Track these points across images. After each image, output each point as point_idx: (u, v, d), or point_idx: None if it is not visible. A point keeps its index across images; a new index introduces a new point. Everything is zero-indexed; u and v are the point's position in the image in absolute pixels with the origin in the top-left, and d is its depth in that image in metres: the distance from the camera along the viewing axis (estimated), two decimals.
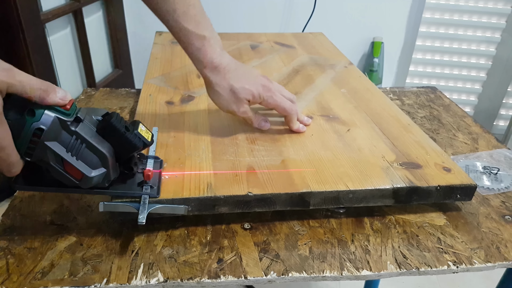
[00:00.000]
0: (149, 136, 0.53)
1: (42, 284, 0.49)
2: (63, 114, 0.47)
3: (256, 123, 0.72)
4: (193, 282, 0.51)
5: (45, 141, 0.47)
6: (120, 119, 0.51)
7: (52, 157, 0.48)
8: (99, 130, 0.50)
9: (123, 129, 0.50)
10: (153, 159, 0.61)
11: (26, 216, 0.59)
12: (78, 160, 0.49)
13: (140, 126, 0.53)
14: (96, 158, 0.50)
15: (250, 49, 1.14)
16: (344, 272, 0.53)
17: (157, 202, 0.55)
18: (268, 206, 0.58)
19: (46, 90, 0.46)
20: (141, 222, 0.51)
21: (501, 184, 0.70)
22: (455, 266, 0.54)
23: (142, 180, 0.56)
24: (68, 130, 0.48)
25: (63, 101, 0.47)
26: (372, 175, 0.62)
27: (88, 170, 0.49)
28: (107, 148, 0.50)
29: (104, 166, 0.50)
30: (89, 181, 0.50)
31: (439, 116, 0.94)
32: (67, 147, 0.48)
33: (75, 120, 0.48)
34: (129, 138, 0.50)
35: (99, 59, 1.96)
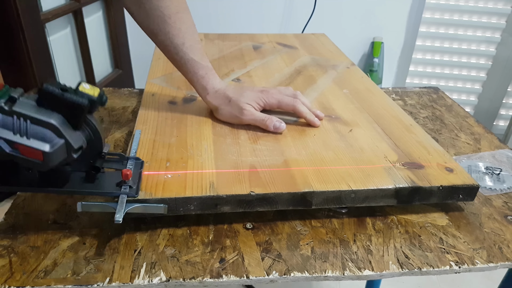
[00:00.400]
0: (95, 92, 0.49)
1: (45, 283, 0.49)
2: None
3: (270, 125, 0.72)
4: (195, 281, 0.51)
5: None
6: (55, 83, 0.48)
7: (5, 145, 0.46)
8: (38, 102, 0.47)
9: (59, 91, 0.47)
10: (134, 159, 0.61)
11: (29, 215, 0.59)
12: (29, 139, 0.46)
13: (82, 84, 0.49)
14: (47, 131, 0.47)
15: (252, 50, 1.15)
16: (346, 272, 0.53)
17: (137, 201, 0.55)
18: (270, 205, 0.58)
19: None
20: (117, 220, 0.51)
21: (504, 184, 0.70)
22: (457, 266, 0.54)
23: (121, 180, 0.55)
24: (5, 112, 0.45)
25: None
26: (374, 175, 0.62)
27: (44, 145, 0.47)
28: (54, 117, 0.47)
29: (58, 136, 0.47)
30: (52, 157, 0.47)
31: (441, 116, 0.94)
32: (13, 129, 0.46)
33: (9, 100, 0.46)
34: (68, 98, 0.47)
35: (99, 59, 1.96)
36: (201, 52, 0.75)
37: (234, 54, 1.11)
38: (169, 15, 0.71)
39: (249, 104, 0.74)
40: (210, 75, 0.76)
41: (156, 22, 0.71)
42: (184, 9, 0.74)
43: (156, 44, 0.75)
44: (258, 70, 1.01)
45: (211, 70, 0.76)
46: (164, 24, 0.71)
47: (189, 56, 0.74)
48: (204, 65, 0.75)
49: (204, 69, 0.75)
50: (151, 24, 0.72)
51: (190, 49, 0.74)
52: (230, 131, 0.73)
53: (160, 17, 0.71)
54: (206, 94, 0.76)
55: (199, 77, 0.75)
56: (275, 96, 0.76)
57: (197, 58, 0.74)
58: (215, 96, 0.76)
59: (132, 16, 0.73)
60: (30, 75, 1.46)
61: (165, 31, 0.72)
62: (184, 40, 0.73)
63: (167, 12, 0.71)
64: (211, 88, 0.76)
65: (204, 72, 0.75)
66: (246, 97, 0.75)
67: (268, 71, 1.00)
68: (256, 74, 0.98)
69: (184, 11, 0.73)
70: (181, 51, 0.73)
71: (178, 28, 0.72)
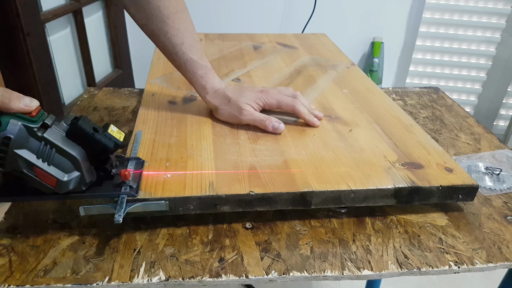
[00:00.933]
0: (121, 136, 0.53)
1: (44, 282, 0.49)
2: (29, 121, 0.47)
3: (269, 126, 0.72)
4: (194, 281, 0.51)
5: (14, 149, 0.47)
6: (88, 121, 0.51)
7: (24, 165, 0.48)
8: (68, 134, 0.50)
9: (91, 130, 0.50)
10: (135, 160, 0.61)
11: (28, 214, 0.59)
12: (50, 166, 0.49)
13: (110, 127, 0.53)
14: (68, 162, 0.50)
15: (252, 50, 1.15)
16: (345, 272, 0.53)
17: (137, 201, 0.55)
18: (270, 205, 0.58)
19: (9, 98, 0.46)
20: (117, 220, 0.51)
21: (503, 184, 0.70)
22: (457, 266, 0.55)
23: (121, 181, 0.55)
24: (35, 136, 0.48)
25: (28, 108, 0.47)
26: (374, 175, 0.62)
27: (61, 175, 0.50)
28: (78, 151, 0.50)
29: (77, 169, 0.51)
30: (64, 186, 0.50)
31: (441, 116, 0.94)
32: (37, 154, 0.48)
33: (42, 126, 0.48)
34: (98, 139, 0.50)
35: (99, 59, 1.96)
36: (200, 52, 0.75)
37: (234, 54, 1.11)
38: (168, 15, 0.71)
39: (248, 104, 0.74)
40: (209, 74, 0.76)
41: (155, 22, 0.71)
42: (183, 9, 0.74)
43: (156, 44, 0.75)
44: (258, 70, 1.01)
45: (211, 69, 0.76)
46: (163, 24, 0.71)
47: (188, 56, 0.74)
48: (203, 65, 0.75)
49: (203, 69, 0.75)
50: (150, 24, 0.72)
51: (189, 48, 0.74)
52: (230, 131, 0.73)
53: (159, 17, 0.71)
54: (206, 94, 0.76)
55: (198, 77, 0.75)
56: (274, 96, 0.76)
57: (196, 57, 0.74)
58: (215, 96, 0.76)
59: (131, 17, 0.73)
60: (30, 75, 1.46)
61: (164, 31, 0.72)
62: (183, 39, 0.73)
63: (166, 12, 0.71)
64: (210, 87, 0.76)
65: (203, 72, 0.75)
66: (245, 97, 0.75)
67: (268, 71, 1.00)
68: (256, 74, 0.98)
69: (183, 11, 0.74)
70: (180, 51, 0.73)
71: (177, 28, 0.72)
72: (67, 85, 1.74)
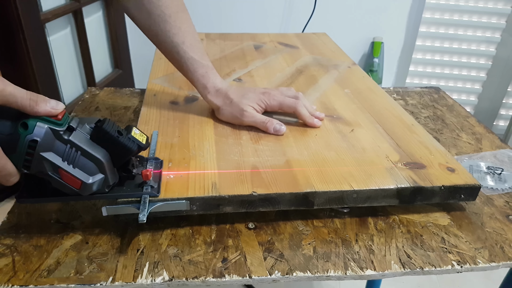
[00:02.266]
0: (143, 139, 0.54)
1: (48, 282, 0.49)
2: (55, 124, 0.48)
3: (270, 128, 0.72)
4: (198, 281, 0.51)
5: (41, 152, 0.47)
6: (112, 125, 0.51)
7: (49, 167, 0.49)
8: (93, 137, 0.51)
9: (116, 133, 0.51)
10: (154, 160, 0.61)
11: (31, 214, 0.59)
12: (75, 168, 0.50)
13: (133, 130, 0.53)
14: (93, 165, 0.50)
15: (253, 50, 1.15)
16: (348, 271, 0.53)
17: (159, 201, 0.55)
18: (273, 205, 0.58)
19: (36, 100, 0.46)
20: (141, 220, 0.51)
21: (505, 184, 0.70)
22: (459, 266, 0.55)
23: (142, 181, 0.56)
24: (61, 139, 0.48)
25: (54, 111, 0.48)
26: (376, 175, 0.62)
27: (86, 177, 0.50)
28: (102, 153, 0.51)
29: (101, 171, 0.51)
30: (88, 188, 0.51)
31: (442, 116, 0.94)
32: (63, 156, 0.49)
33: (67, 129, 0.49)
34: (122, 142, 0.51)
35: (99, 59, 1.96)
36: (201, 51, 0.76)
37: (236, 54, 1.11)
38: (170, 14, 0.72)
39: (250, 106, 0.74)
40: (210, 74, 0.76)
41: (157, 22, 0.72)
42: (183, 9, 0.75)
43: (156, 45, 0.76)
44: (260, 70, 1.01)
45: (212, 69, 0.76)
46: (164, 23, 0.72)
47: (189, 55, 0.74)
48: (204, 64, 0.75)
49: (204, 68, 0.75)
50: (152, 25, 0.72)
51: (190, 48, 0.74)
52: (232, 131, 0.73)
53: (160, 16, 0.71)
54: (207, 93, 0.76)
55: (199, 76, 0.75)
56: (276, 98, 0.76)
57: (197, 57, 0.75)
58: (216, 95, 0.76)
59: (132, 19, 0.73)
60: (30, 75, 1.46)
61: (165, 30, 0.72)
62: (184, 39, 0.73)
63: (167, 11, 0.71)
64: (211, 87, 0.76)
65: (204, 71, 0.75)
66: (247, 98, 0.75)
67: (269, 71, 1.00)
68: (258, 74, 0.98)
69: (183, 11, 0.74)
70: (181, 50, 0.74)
71: (178, 27, 0.73)
72: (67, 85, 1.74)
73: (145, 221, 0.51)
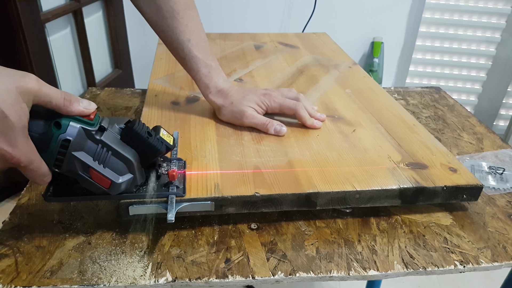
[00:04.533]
0: (170, 140, 0.55)
1: (51, 283, 0.49)
2: (88, 124, 0.48)
3: (271, 129, 0.72)
4: (201, 281, 0.51)
5: (72, 152, 0.48)
6: (142, 126, 0.52)
7: (80, 167, 0.49)
8: (123, 137, 0.51)
9: (146, 134, 0.51)
10: (177, 160, 0.62)
11: (33, 215, 0.59)
12: (105, 168, 0.50)
13: (161, 131, 0.54)
14: (122, 165, 0.51)
15: (254, 49, 1.15)
16: (351, 272, 0.53)
17: (185, 201, 0.56)
18: (275, 206, 0.58)
19: (70, 100, 0.47)
20: (170, 220, 0.52)
21: (507, 184, 0.70)
22: (462, 265, 0.55)
23: (168, 181, 0.57)
24: (93, 139, 0.49)
25: (87, 110, 0.48)
26: (378, 175, 0.62)
27: (116, 177, 0.51)
28: (132, 154, 0.51)
29: (130, 171, 0.52)
30: (117, 188, 0.51)
31: (443, 116, 0.94)
32: (94, 156, 0.49)
33: (99, 129, 0.49)
34: (152, 143, 0.52)
35: (99, 59, 1.96)
36: (206, 51, 0.76)
37: (236, 54, 1.11)
38: (178, 10, 0.72)
39: (251, 107, 0.74)
40: (213, 73, 0.76)
41: (165, 17, 0.72)
42: (192, 6, 0.75)
43: (163, 40, 0.76)
44: (260, 70, 1.01)
45: (216, 69, 0.76)
46: (172, 19, 0.72)
47: (194, 53, 0.74)
48: (208, 64, 0.75)
49: (207, 68, 0.75)
50: (160, 20, 0.73)
51: (196, 46, 0.74)
52: (234, 132, 0.73)
53: (169, 12, 0.72)
54: (209, 93, 0.76)
55: (202, 75, 0.75)
56: (277, 100, 0.76)
57: (201, 56, 0.75)
58: (217, 96, 0.76)
59: (141, 12, 0.74)
60: None
61: (172, 27, 0.73)
62: (190, 36, 0.74)
63: (176, 7, 0.72)
64: (213, 87, 0.76)
65: (207, 71, 0.75)
66: (248, 99, 0.75)
67: (270, 71, 1.00)
68: (259, 74, 0.98)
69: (192, 8, 0.75)
70: (186, 48, 0.74)
71: (185, 25, 0.73)
72: (67, 85, 1.74)
73: (173, 221, 0.52)
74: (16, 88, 0.43)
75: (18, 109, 0.43)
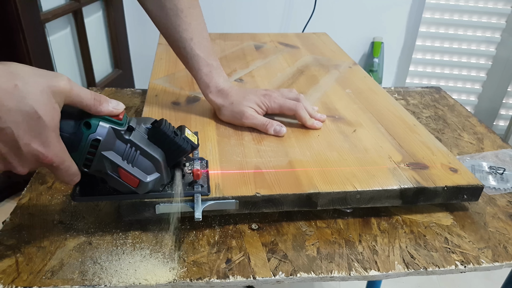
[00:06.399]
0: (195, 139, 0.55)
1: (52, 283, 0.49)
2: (117, 124, 0.49)
3: (271, 129, 0.72)
4: (202, 282, 0.51)
5: (102, 151, 0.48)
6: (168, 125, 0.53)
7: (109, 166, 0.50)
8: (150, 137, 0.52)
9: (172, 134, 0.52)
10: (199, 160, 0.62)
11: (34, 215, 0.59)
12: (133, 167, 0.51)
13: (186, 130, 0.55)
14: (150, 164, 0.52)
15: (254, 49, 1.15)
16: (352, 272, 0.53)
17: (210, 200, 0.56)
18: (276, 206, 0.58)
19: (99, 100, 0.47)
20: (197, 218, 0.53)
21: (507, 184, 0.70)
22: (463, 265, 0.55)
23: (192, 180, 0.57)
24: (122, 139, 0.49)
25: (116, 110, 0.49)
26: (379, 175, 0.62)
27: (144, 176, 0.52)
28: (159, 153, 0.52)
29: (157, 170, 0.52)
30: (145, 187, 0.52)
31: (444, 116, 0.94)
32: (123, 155, 0.50)
33: (128, 129, 0.50)
34: (178, 142, 0.52)
35: (99, 59, 1.96)
36: (208, 50, 0.76)
37: (236, 54, 1.11)
38: (182, 9, 0.72)
39: (251, 108, 0.74)
40: (214, 73, 0.76)
41: (169, 15, 0.73)
42: (196, 6, 0.75)
43: (165, 38, 0.76)
44: (261, 70, 1.01)
45: (217, 68, 0.76)
46: (176, 17, 0.73)
47: (195, 52, 0.74)
48: (209, 63, 0.75)
49: (208, 67, 0.75)
50: (163, 17, 0.73)
51: (198, 45, 0.74)
52: (234, 132, 0.73)
53: (173, 10, 0.72)
54: (209, 93, 0.76)
55: (203, 74, 0.75)
56: (277, 101, 0.76)
57: (203, 55, 0.75)
58: (218, 95, 0.76)
59: (145, 9, 0.74)
60: None
61: (175, 25, 0.73)
62: (192, 35, 0.74)
63: (180, 5, 0.72)
64: (213, 86, 0.76)
65: (208, 70, 0.75)
66: (248, 100, 0.75)
67: (270, 71, 1.00)
68: (259, 74, 0.98)
69: (196, 7, 0.75)
70: (188, 46, 0.74)
71: (188, 23, 0.73)
72: None
73: (201, 219, 0.53)
74: (48, 88, 0.43)
75: (51, 110, 0.43)
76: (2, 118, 0.41)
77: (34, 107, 0.42)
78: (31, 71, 0.43)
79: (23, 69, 0.43)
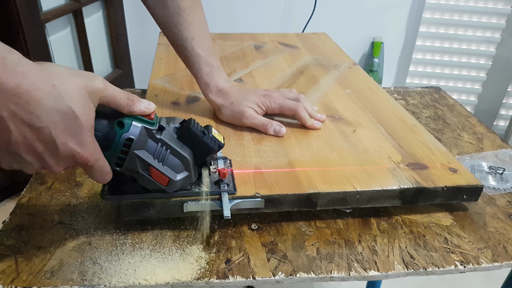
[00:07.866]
0: (221, 138, 0.56)
1: (51, 283, 0.49)
2: (149, 124, 0.49)
3: (270, 130, 0.72)
4: (201, 282, 0.51)
5: (135, 150, 0.49)
6: (197, 125, 0.54)
7: (141, 165, 0.50)
8: (179, 136, 0.53)
9: (201, 133, 0.53)
10: (223, 159, 0.63)
11: (34, 215, 0.59)
12: (164, 166, 0.52)
13: (213, 130, 0.55)
14: (179, 163, 0.53)
15: (254, 50, 1.15)
16: (351, 272, 0.53)
17: (237, 198, 0.57)
18: (276, 207, 0.58)
19: (132, 100, 0.48)
20: (226, 216, 0.54)
21: (507, 184, 0.70)
22: (462, 266, 0.55)
23: (218, 179, 0.58)
24: (153, 138, 0.50)
25: (148, 110, 0.49)
26: (378, 175, 0.62)
27: (174, 175, 0.52)
28: (188, 152, 0.53)
29: (186, 169, 0.53)
30: (174, 185, 0.53)
31: (443, 116, 0.94)
32: (154, 154, 0.51)
33: (159, 128, 0.51)
34: (206, 142, 0.53)
35: (99, 59, 1.96)
36: (209, 49, 0.76)
37: (236, 54, 1.11)
38: (184, 8, 0.73)
39: (251, 108, 0.74)
40: (214, 73, 0.76)
41: (171, 14, 0.73)
42: (198, 5, 0.75)
43: (167, 37, 0.76)
44: (261, 70, 1.01)
45: (217, 68, 0.76)
46: (177, 16, 0.73)
47: (196, 51, 0.74)
48: (210, 62, 0.75)
49: (209, 66, 0.75)
50: (165, 16, 0.73)
51: (199, 44, 0.74)
52: (234, 132, 0.73)
53: (175, 9, 0.72)
54: (209, 92, 0.76)
55: (203, 74, 0.76)
56: (277, 101, 0.76)
57: (204, 54, 0.75)
58: (218, 95, 0.76)
59: (147, 7, 0.74)
60: None
61: (177, 24, 0.73)
62: (193, 34, 0.74)
63: (182, 5, 0.73)
64: (213, 86, 0.76)
65: (209, 70, 0.75)
66: (248, 100, 0.75)
67: (270, 71, 1.00)
68: (259, 74, 0.98)
69: (198, 7, 0.75)
70: (189, 46, 0.74)
71: (190, 22, 0.73)
72: None
73: (229, 217, 0.54)
74: (85, 88, 0.43)
75: (87, 109, 0.44)
76: (41, 117, 0.41)
77: (71, 107, 0.42)
78: (68, 71, 0.44)
79: (59, 69, 0.43)
